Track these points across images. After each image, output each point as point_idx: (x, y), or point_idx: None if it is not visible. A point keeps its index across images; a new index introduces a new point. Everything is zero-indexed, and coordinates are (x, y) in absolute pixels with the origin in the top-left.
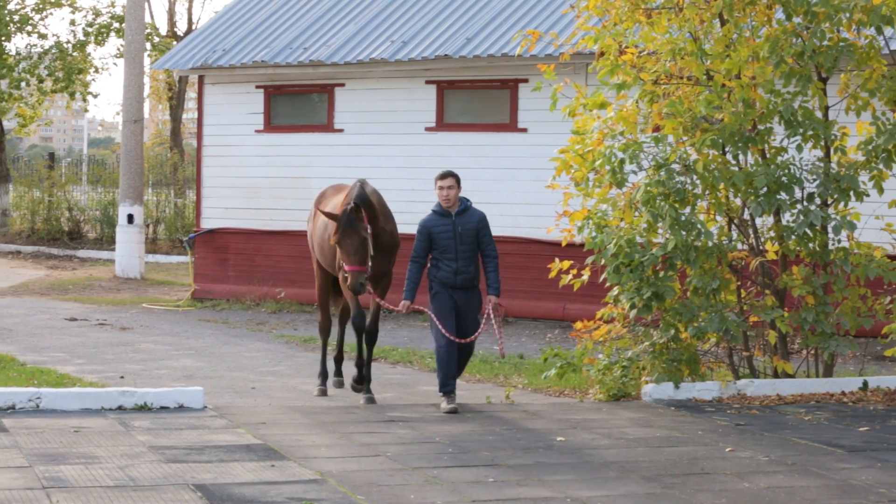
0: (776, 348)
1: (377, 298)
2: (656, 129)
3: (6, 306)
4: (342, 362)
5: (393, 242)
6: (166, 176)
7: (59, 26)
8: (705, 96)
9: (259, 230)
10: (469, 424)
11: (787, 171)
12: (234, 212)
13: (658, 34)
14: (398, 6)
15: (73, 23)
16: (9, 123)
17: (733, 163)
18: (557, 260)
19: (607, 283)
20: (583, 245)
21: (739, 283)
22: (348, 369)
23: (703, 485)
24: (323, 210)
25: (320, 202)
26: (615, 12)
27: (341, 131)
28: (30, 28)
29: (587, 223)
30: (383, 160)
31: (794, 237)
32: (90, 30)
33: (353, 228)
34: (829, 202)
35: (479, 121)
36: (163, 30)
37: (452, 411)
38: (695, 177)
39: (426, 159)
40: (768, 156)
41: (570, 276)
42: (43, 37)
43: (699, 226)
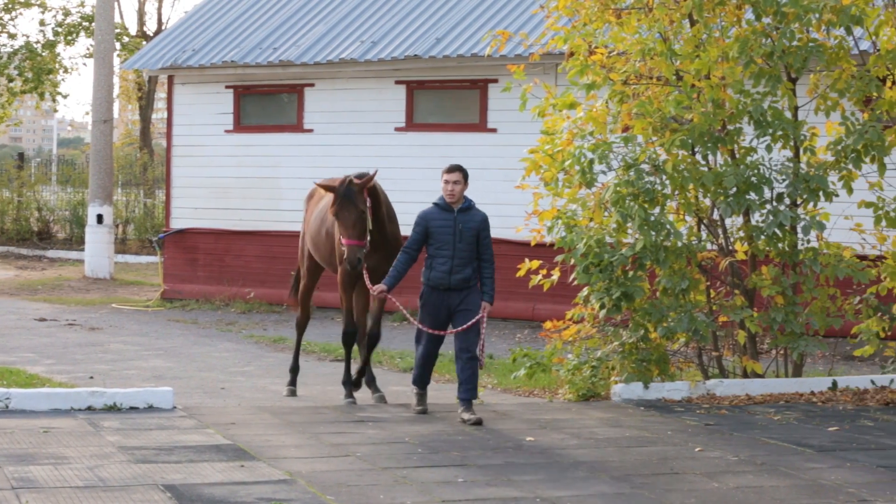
0: (745, 348)
1: (397, 305)
2: (626, 129)
3: None
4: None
5: (395, 243)
6: (136, 176)
7: (28, 26)
8: (675, 96)
9: (228, 230)
10: (439, 424)
11: (756, 171)
12: (203, 212)
13: (628, 34)
14: (368, 6)
15: (42, 23)
16: None
17: (703, 163)
18: (527, 260)
19: (577, 283)
20: (552, 245)
21: (709, 283)
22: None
23: (672, 485)
24: (321, 184)
25: (311, 198)
26: (585, 12)
27: (311, 131)
28: None
29: (557, 223)
30: (353, 160)
31: (763, 237)
32: (60, 29)
33: (351, 200)
34: (798, 202)
35: (449, 121)
36: (132, 30)
37: (423, 413)
38: (664, 177)
39: (396, 159)
40: (738, 156)
41: (540, 276)
42: (12, 37)
43: (668, 226)
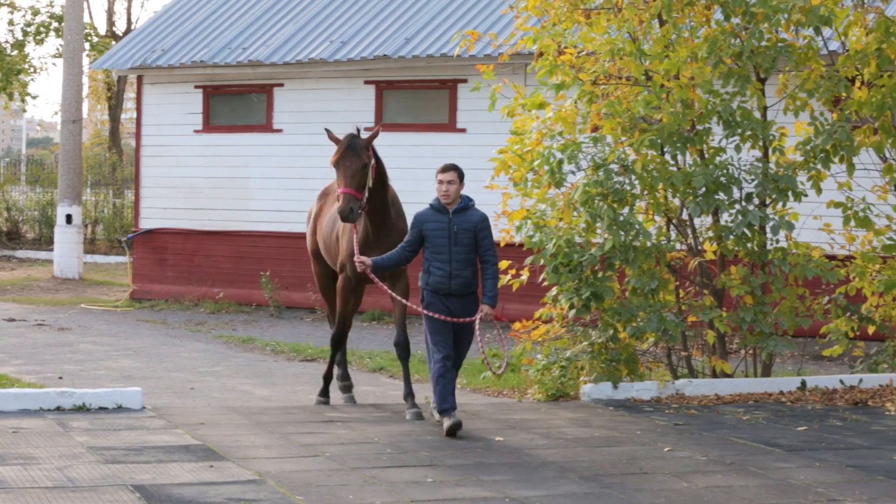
0: (714, 348)
1: (390, 293)
2: (595, 129)
3: None
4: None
5: (400, 240)
6: (105, 176)
7: None
8: (644, 96)
9: (198, 230)
10: (408, 425)
11: (725, 171)
12: (172, 212)
13: (597, 34)
14: (337, 6)
15: (11, 22)
16: None
17: (672, 163)
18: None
19: (546, 283)
20: (522, 245)
21: (678, 283)
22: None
23: (641, 484)
24: (330, 132)
25: (327, 195)
26: (554, 13)
27: (280, 131)
28: None
29: (526, 223)
30: (322, 160)
31: (732, 237)
32: (29, 29)
33: (355, 151)
34: (767, 202)
35: (418, 121)
36: (102, 29)
37: (456, 427)
38: (633, 177)
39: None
40: (707, 156)
41: (509, 276)
42: None
43: (637, 226)
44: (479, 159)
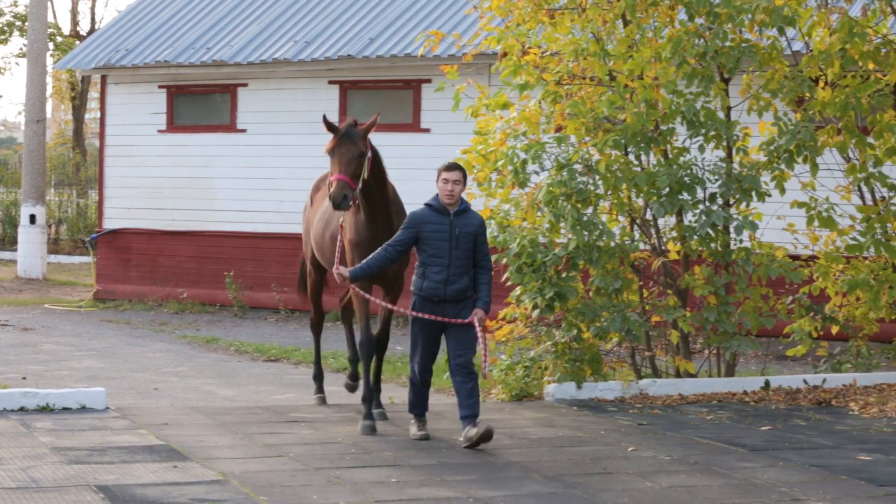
0: (678, 348)
1: (387, 304)
2: (559, 129)
3: None
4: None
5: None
6: (69, 176)
7: None
8: (608, 97)
9: (162, 230)
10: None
11: (689, 171)
12: (136, 212)
13: (561, 35)
14: (301, 6)
15: None
16: None
17: (636, 163)
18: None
19: (510, 283)
20: None
21: (642, 283)
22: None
23: (605, 484)
24: (328, 121)
25: (317, 191)
26: (518, 13)
27: (244, 131)
28: None
29: (490, 223)
30: (286, 160)
31: (696, 237)
32: None
33: (352, 139)
34: (731, 202)
35: (383, 121)
36: (66, 29)
37: (423, 438)
38: (597, 177)
39: (329, 159)
40: (670, 156)
41: None
42: None
43: (601, 226)
44: (443, 159)
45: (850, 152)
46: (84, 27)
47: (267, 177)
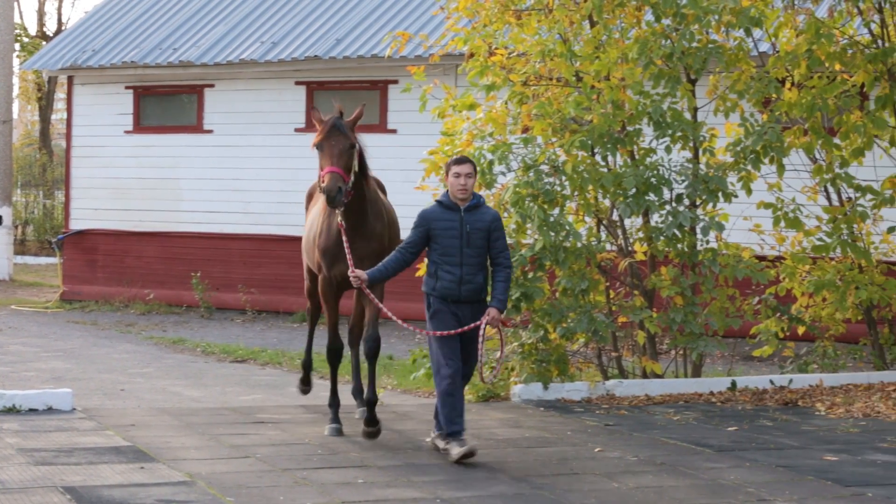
0: (645, 349)
1: (375, 301)
2: (525, 130)
3: None
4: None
5: (380, 243)
6: (35, 177)
7: None
8: (574, 97)
9: (128, 231)
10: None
11: (655, 172)
12: (103, 213)
13: (528, 35)
14: (268, 7)
15: None
16: None
17: (602, 164)
18: (427, 260)
19: None
20: None
21: (608, 283)
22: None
23: (572, 485)
24: (315, 114)
25: (310, 198)
26: (485, 14)
27: (211, 132)
28: None
29: None
30: (253, 161)
31: (662, 238)
32: None
33: (341, 130)
34: (697, 203)
35: None
36: (32, 30)
37: (468, 455)
38: (564, 178)
39: (296, 160)
40: (637, 157)
41: None
42: None
43: (568, 227)
44: (410, 160)
45: (816, 153)
46: (51, 27)
47: (234, 177)
